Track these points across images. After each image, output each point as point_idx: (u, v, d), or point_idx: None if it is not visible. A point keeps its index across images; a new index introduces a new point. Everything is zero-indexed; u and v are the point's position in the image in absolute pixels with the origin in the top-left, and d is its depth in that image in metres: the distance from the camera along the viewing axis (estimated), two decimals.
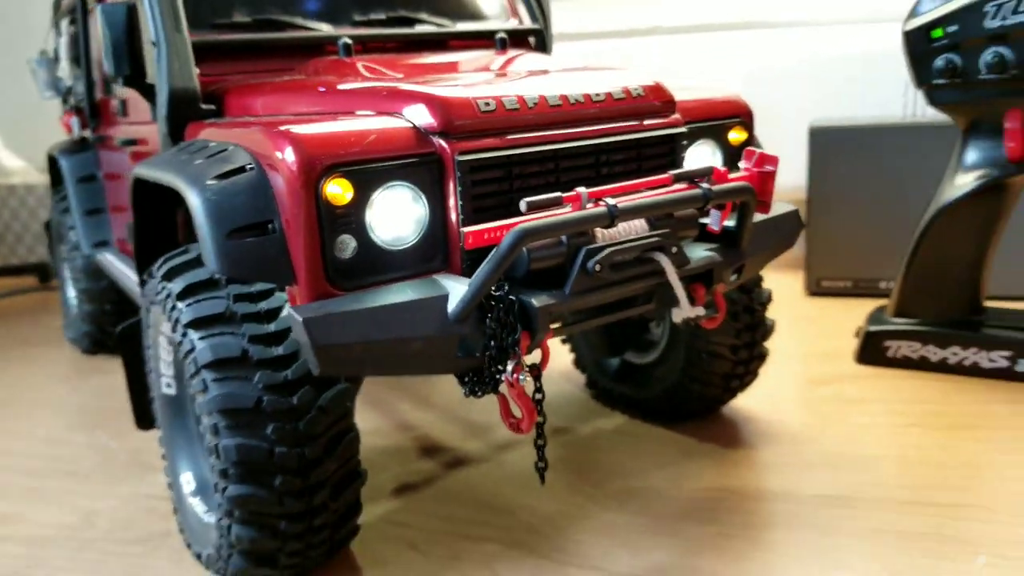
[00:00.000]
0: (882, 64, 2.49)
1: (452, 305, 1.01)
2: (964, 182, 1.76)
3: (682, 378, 1.58)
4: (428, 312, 1.01)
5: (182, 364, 1.31)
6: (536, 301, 1.03)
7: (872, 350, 1.88)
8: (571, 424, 1.70)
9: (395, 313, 1.00)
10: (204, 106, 1.39)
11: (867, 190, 2.38)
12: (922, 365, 1.82)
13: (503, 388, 1.08)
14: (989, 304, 1.88)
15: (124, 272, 1.89)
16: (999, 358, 1.74)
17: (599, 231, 1.09)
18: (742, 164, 1.23)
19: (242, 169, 1.05)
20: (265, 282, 1.08)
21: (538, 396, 1.09)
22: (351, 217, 1.02)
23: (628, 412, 1.73)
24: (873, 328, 1.88)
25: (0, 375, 2.29)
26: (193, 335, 1.09)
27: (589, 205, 1.05)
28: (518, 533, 1.31)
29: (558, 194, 1.03)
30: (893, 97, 2.48)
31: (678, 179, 1.13)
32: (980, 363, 1.76)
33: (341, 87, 1.26)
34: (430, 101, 1.09)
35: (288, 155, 1.00)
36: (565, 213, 1.03)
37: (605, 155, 1.20)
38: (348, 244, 1.03)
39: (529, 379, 1.05)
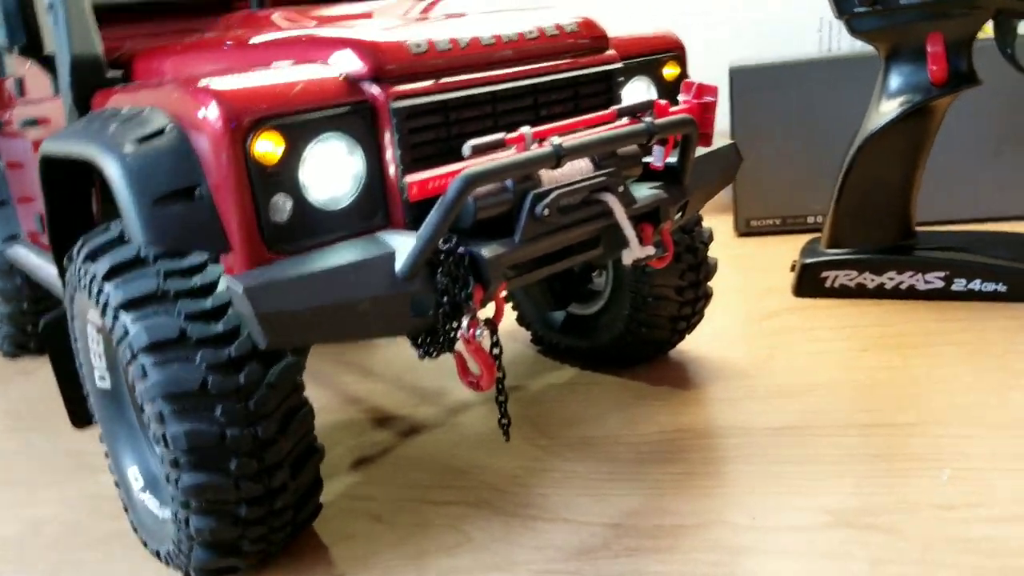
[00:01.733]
0: (796, 1, 2.51)
1: (400, 262, 0.97)
2: (889, 108, 1.78)
3: (629, 324, 1.57)
4: (375, 272, 0.96)
5: (116, 351, 1.24)
6: (486, 251, 1.00)
7: (809, 282, 1.90)
8: (521, 381, 1.68)
9: (341, 275, 0.95)
10: (110, 73, 1.30)
11: (790, 127, 2.41)
12: (860, 292, 1.85)
13: (459, 346, 1.05)
14: (919, 229, 1.92)
15: (40, 265, 1.77)
16: (934, 279, 1.78)
17: (544, 174, 1.06)
18: (681, 97, 1.21)
19: (161, 131, 0.98)
20: (197, 252, 1.01)
21: (495, 351, 1.06)
22: (284, 175, 0.96)
23: (577, 363, 1.72)
24: (809, 260, 1.90)
25: None
26: (125, 318, 1.01)
27: (534, 146, 1.01)
28: (482, 492, 1.29)
29: (501, 135, 0.99)
30: (809, 33, 2.50)
31: (621, 114, 1.11)
32: (916, 285, 1.80)
33: (258, 40, 1.18)
34: (357, 46, 1.04)
35: (210, 112, 0.93)
36: (509, 155, 0.99)
37: (542, 95, 1.17)
38: (283, 205, 0.97)
39: (486, 334, 1.02)
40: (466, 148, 0.97)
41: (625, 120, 1.12)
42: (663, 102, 1.15)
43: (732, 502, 1.19)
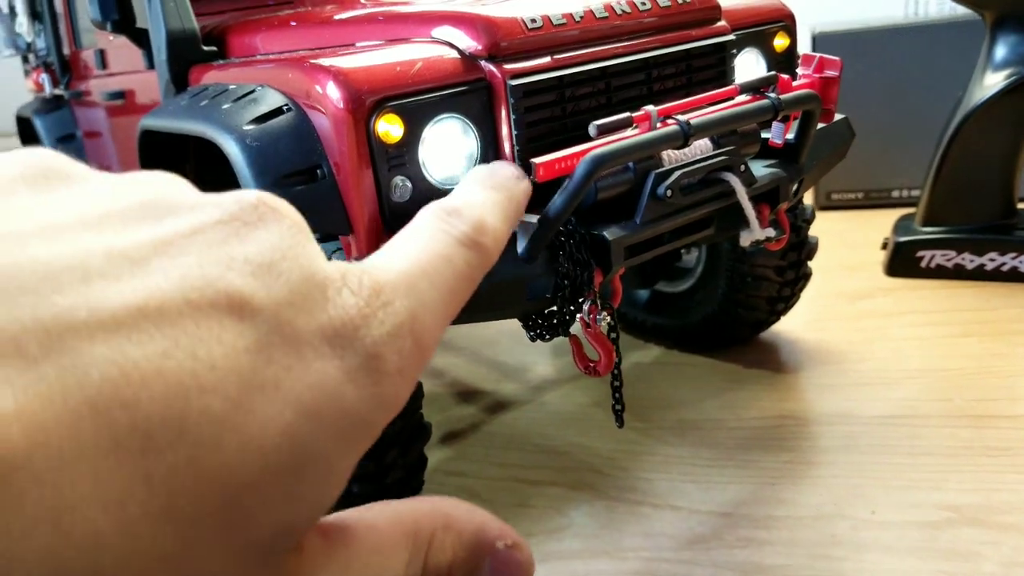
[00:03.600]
0: None
1: (521, 244, 0.94)
2: (994, 81, 1.70)
3: (724, 304, 1.53)
4: None
5: None
6: (609, 234, 0.96)
7: (903, 261, 1.84)
8: None
9: None
10: (205, 48, 1.28)
11: (874, 96, 2.32)
12: (957, 274, 1.78)
13: (575, 329, 1.02)
14: (1021, 207, 1.84)
15: None
16: None
17: (665, 154, 1.01)
18: (801, 70, 1.16)
19: (279, 111, 0.96)
20: (318, 232, 1.00)
21: (613, 335, 1.03)
22: (404, 156, 0.94)
23: (663, 343, 1.68)
24: (903, 238, 1.84)
25: None
26: None
27: (658, 125, 0.97)
28: (581, 474, 1.27)
29: (628, 115, 0.95)
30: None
31: (744, 90, 1.06)
32: (1019, 267, 1.73)
33: (361, 15, 1.15)
34: (473, 22, 1.00)
35: (333, 92, 0.90)
36: (634, 135, 0.95)
37: (656, 70, 1.12)
38: (403, 185, 0.94)
39: (607, 319, 0.99)
40: (592, 128, 0.94)
41: (746, 96, 1.07)
42: (786, 77, 1.10)
43: (847, 494, 1.15)
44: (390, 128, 0.91)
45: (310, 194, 0.93)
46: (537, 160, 0.91)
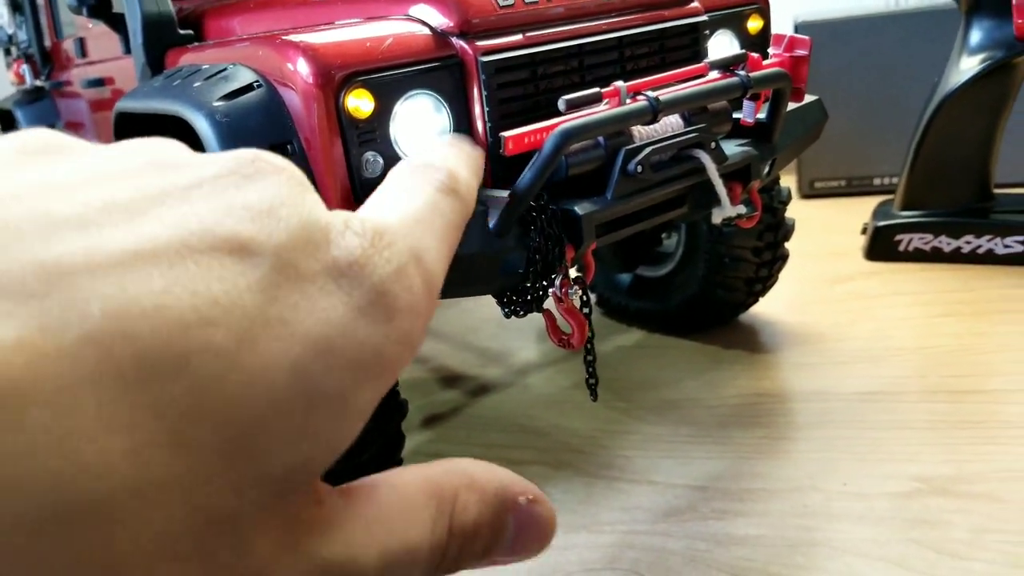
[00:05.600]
0: None
1: (492, 220, 0.95)
2: (969, 65, 1.71)
3: (703, 287, 1.54)
4: (469, 228, 0.94)
5: None
6: (579, 209, 0.97)
7: (882, 245, 1.85)
8: None
9: None
10: (181, 31, 1.28)
11: (856, 85, 2.33)
12: (935, 256, 1.80)
13: (548, 304, 1.03)
14: (997, 191, 1.85)
15: None
16: (1014, 243, 1.72)
17: (636, 130, 1.02)
18: (772, 50, 1.17)
19: (249, 87, 0.96)
20: None
21: (585, 310, 1.04)
22: (375, 132, 0.94)
23: (645, 326, 1.69)
24: (882, 223, 1.85)
25: None
26: None
27: (627, 101, 0.98)
28: (561, 454, 1.28)
29: (597, 90, 0.96)
30: None
31: (713, 67, 1.07)
32: (995, 250, 1.74)
33: None
34: (445, 0, 1.00)
35: (302, 67, 0.91)
36: (604, 110, 0.96)
37: (629, 49, 1.13)
38: (374, 160, 0.95)
39: (579, 292, 0.99)
40: (561, 103, 0.94)
41: (716, 74, 1.08)
42: (755, 56, 1.11)
43: (821, 468, 1.16)
44: (360, 103, 0.92)
45: None
46: (506, 134, 0.92)
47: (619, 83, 0.98)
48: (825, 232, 2.12)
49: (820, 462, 1.17)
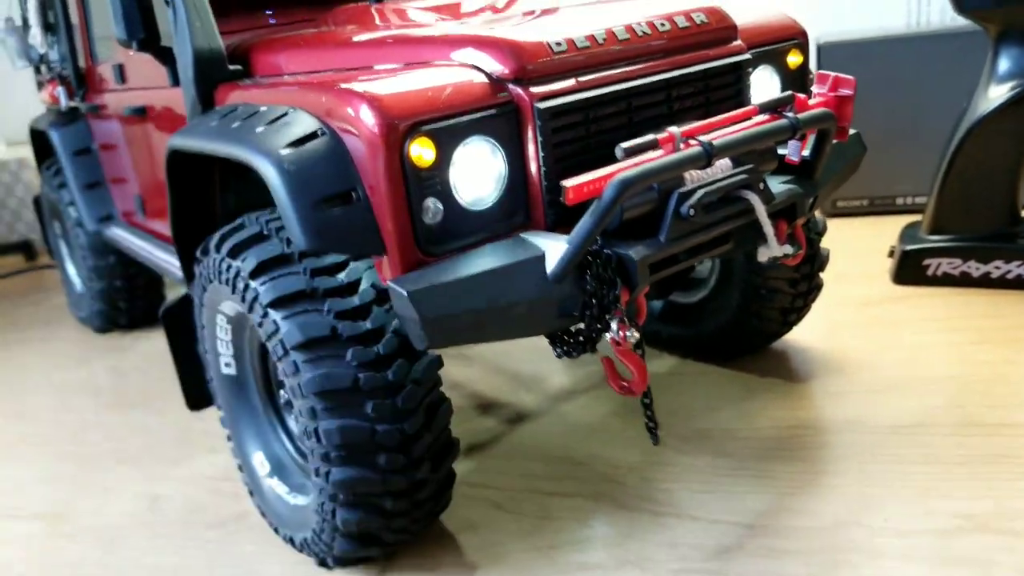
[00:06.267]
0: None
1: (551, 265, 0.97)
2: (998, 94, 1.73)
3: (738, 315, 1.55)
4: (528, 274, 0.96)
5: (244, 340, 1.26)
6: (634, 253, 0.99)
7: (910, 269, 1.87)
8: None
9: (498, 278, 0.95)
10: (231, 66, 1.30)
11: (879, 105, 2.35)
12: (964, 281, 1.82)
13: (605, 350, 1.05)
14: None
15: (143, 247, 1.81)
16: None
17: (687, 173, 1.04)
18: (815, 88, 1.18)
19: (313, 135, 0.98)
20: (353, 254, 1.03)
21: (640, 352, 1.06)
22: (436, 179, 0.96)
23: (677, 353, 1.71)
24: (910, 247, 1.87)
25: (8, 359, 2.20)
26: (275, 315, 1.03)
27: (681, 146, 1.00)
28: (601, 485, 1.29)
29: (653, 136, 0.98)
30: (895, 7, 2.43)
31: (763, 109, 1.09)
32: None
33: (388, 36, 1.18)
34: (500, 46, 1.03)
35: (367, 116, 0.93)
36: (660, 157, 0.98)
37: (675, 90, 1.15)
38: (434, 207, 0.97)
39: (636, 336, 1.01)
40: (619, 151, 0.96)
41: (765, 115, 1.10)
42: (802, 96, 1.13)
43: (861, 503, 1.18)
44: (423, 151, 0.94)
45: (346, 217, 0.95)
46: (567, 183, 0.93)
47: (674, 129, 0.99)
48: (851, 254, 2.13)
49: (860, 497, 1.19)
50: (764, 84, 1.31)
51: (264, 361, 1.30)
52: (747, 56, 1.22)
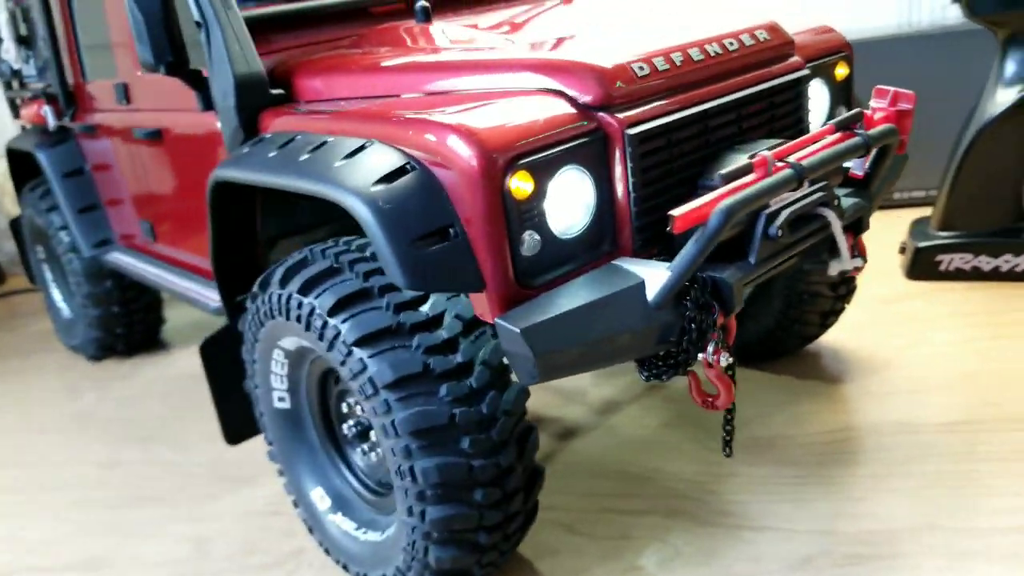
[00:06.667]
0: None
1: (652, 293, 0.96)
2: (1007, 96, 1.79)
3: (779, 320, 1.57)
4: (631, 303, 0.96)
5: (300, 376, 1.22)
6: (728, 277, 0.99)
7: (924, 265, 1.92)
8: None
9: (602, 309, 0.94)
10: (273, 91, 1.26)
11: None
12: (975, 275, 1.87)
13: (694, 367, 1.05)
14: None
15: (159, 275, 1.74)
16: None
17: None
18: (875, 103, 1.20)
19: (403, 170, 0.95)
20: (453, 291, 1.00)
21: (730, 372, 1.06)
22: (533, 211, 0.95)
23: None
24: (923, 244, 1.91)
25: (2, 393, 2.10)
26: (361, 354, 1.00)
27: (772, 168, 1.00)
28: (672, 501, 1.30)
29: (749, 161, 0.98)
30: (886, 7, 2.48)
31: (838, 127, 1.10)
32: None
33: (458, 60, 1.15)
34: (585, 71, 1.01)
35: (464, 151, 0.91)
36: (754, 180, 0.98)
37: (744, 109, 1.15)
38: (532, 239, 0.95)
39: (730, 359, 1.01)
40: (717, 177, 0.96)
41: (839, 133, 1.11)
42: (868, 112, 1.15)
43: (930, 505, 1.21)
44: (521, 184, 0.92)
45: (444, 254, 0.93)
46: (675, 212, 0.92)
47: (766, 152, 1.00)
48: None
49: (927, 499, 1.22)
50: (816, 98, 1.32)
51: (323, 394, 1.26)
52: (806, 72, 1.22)
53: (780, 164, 1.00)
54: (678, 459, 1.39)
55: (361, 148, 1.00)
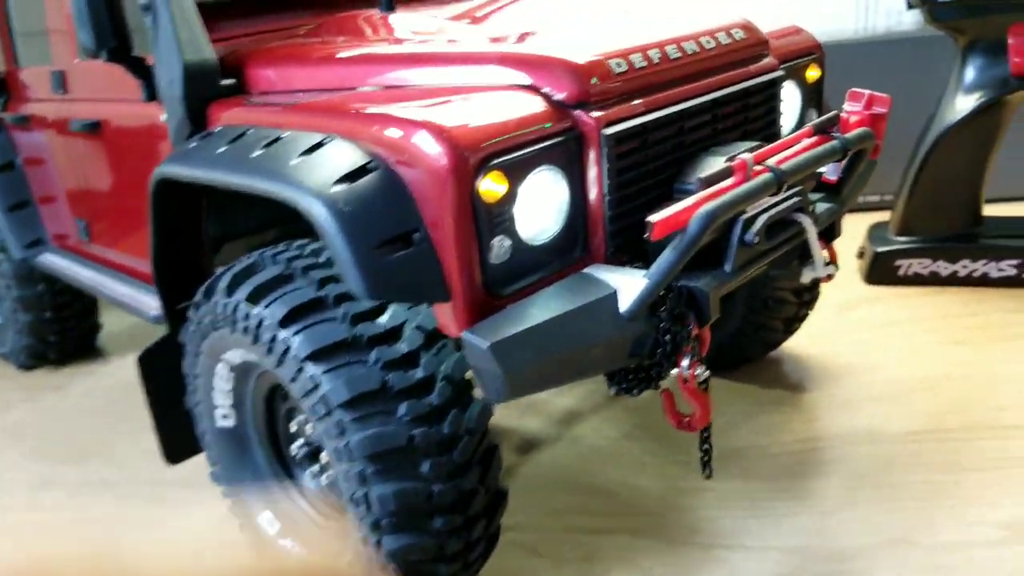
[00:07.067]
0: None
1: (625, 303, 0.91)
2: (966, 103, 1.78)
3: (742, 326, 1.54)
4: (604, 314, 0.90)
5: (245, 392, 1.14)
6: (704, 286, 0.94)
7: (882, 270, 1.91)
8: None
9: (574, 321, 0.88)
10: (224, 81, 1.18)
11: (833, 107, 2.39)
12: (933, 280, 1.87)
13: (667, 383, 1.00)
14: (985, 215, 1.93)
15: (95, 279, 1.63)
16: (1008, 267, 1.81)
17: None
18: (849, 107, 1.17)
19: (364, 169, 0.88)
20: (416, 302, 0.93)
21: (705, 387, 1.01)
22: (504, 214, 0.89)
23: None
24: (882, 248, 1.91)
25: None
26: (314, 370, 0.92)
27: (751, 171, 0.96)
28: (640, 519, 1.25)
29: (729, 164, 0.94)
30: (842, 12, 2.48)
31: (816, 131, 1.06)
32: (990, 273, 1.82)
33: (423, 51, 1.08)
34: (561, 67, 0.96)
35: (433, 149, 0.84)
36: (733, 185, 0.93)
37: (720, 109, 1.11)
38: (503, 246, 0.89)
39: (706, 373, 0.97)
40: (696, 181, 0.91)
41: (815, 137, 1.07)
42: (843, 115, 1.11)
43: (903, 517, 1.18)
44: (494, 186, 0.86)
45: (408, 261, 0.86)
46: (653, 218, 0.87)
47: (746, 155, 0.95)
48: None
49: (901, 512, 1.19)
50: (788, 100, 1.29)
51: (269, 412, 1.18)
52: (781, 72, 1.19)
53: (759, 168, 0.96)
54: (642, 473, 1.34)
55: (319, 144, 0.93)
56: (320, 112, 0.99)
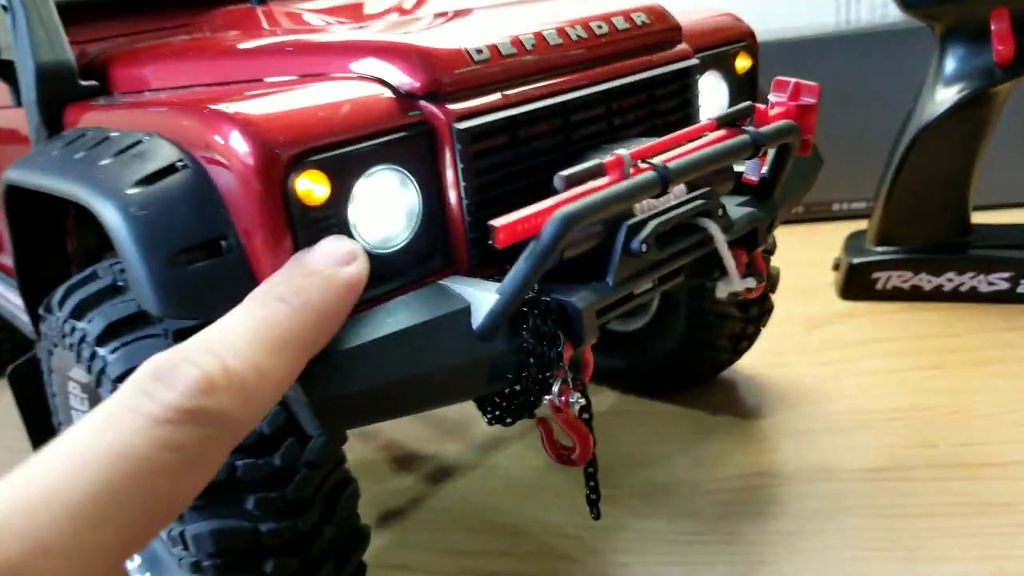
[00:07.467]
0: None
1: (478, 319, 0.78)
2: (946, 96, 1.63)
3: (684, 344, 1.40)
4: (451, 332, 0.78)
5: None
6: (578, 301, 0.81)
7: (858, 283, 1.75)
8: None
9: (412, 340, 0.76)
10: (84, 82, 1.08)
11: None
12: (915, 295, 1.71)
13: (543, 412, 0.87)
14: (975, 222, 1.77)
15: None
16: (998, 280, 1.64)
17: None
18: (773, 97, 1.03)
19: (171, 168, 0.77)
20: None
21: (585, 416, 0.88)
22: (330, 219, 0.77)
23: (618, 386, 1.55)
24: (857, 260, 1.75)
25: None
26: None
27: (631, 170, 0.83)
28: (548, 562, 1.12)
29: (598, 161, 0.81)
30: (824, 5, 2.34)
31: (721, 123, 0.93)
32: (978, 287, 1.66)
33: (274, 44, 0.97)
34: (408, 54, 0.84)
35: (239, 145, 0.73)
36: (605, 184, 0.81)
37: (617, 102, 0.98)
38: None
39: (581, 400, 0.84)
40: (558, 180, 0.79)
41: (723, 130, 0.94)
42: (762, 106, 0.98)
43: (844, 569, 1.03)
44: (313, 187, 0.74)
45: (213, 272, 0.75)
46: (496, 222, 0.75)
47: (622, 151, 0.82)
48: (791, 265, 1.99)
49: (842, 562, 1.05)
50: (711, 92, 1.16)
51: None
52: (695, 61, 1.06)
53: (642, 165, 0.83)
54: (559, 507, 1.21)
55: (136, 144, 0.82)
56: (150, 109, 0.89)
